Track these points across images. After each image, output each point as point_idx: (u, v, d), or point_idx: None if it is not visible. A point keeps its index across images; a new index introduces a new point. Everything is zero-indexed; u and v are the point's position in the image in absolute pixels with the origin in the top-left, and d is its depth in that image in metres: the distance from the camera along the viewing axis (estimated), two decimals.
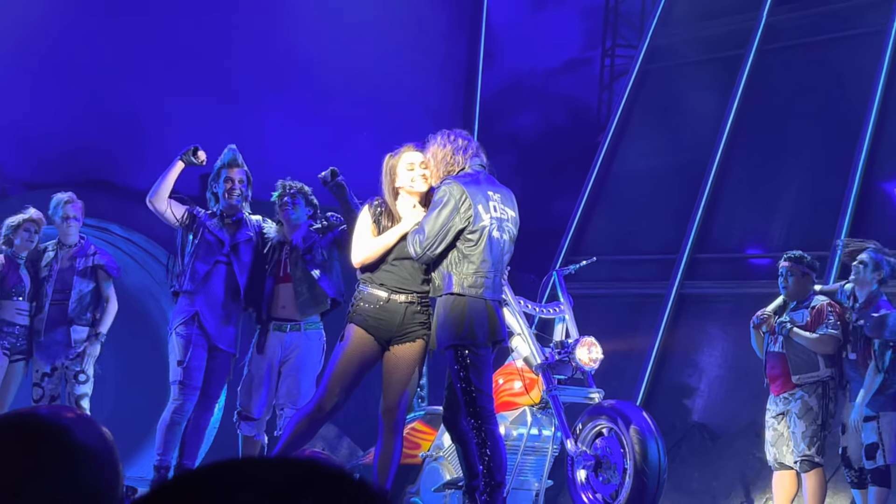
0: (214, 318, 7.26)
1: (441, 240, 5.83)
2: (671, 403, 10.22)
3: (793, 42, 11.37)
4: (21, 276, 7.93)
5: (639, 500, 6.89)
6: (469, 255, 5.88)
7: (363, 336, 5.96)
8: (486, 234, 5.91)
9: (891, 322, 7.62)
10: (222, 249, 7.30)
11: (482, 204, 5.92)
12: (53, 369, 7.88)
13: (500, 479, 5.94)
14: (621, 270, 11.26)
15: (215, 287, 7.28)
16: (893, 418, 7.67)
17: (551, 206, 12.49)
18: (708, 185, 11.06)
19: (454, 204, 5.82)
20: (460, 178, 5.91)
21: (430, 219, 5.81)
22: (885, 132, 10.27)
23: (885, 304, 7.81)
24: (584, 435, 7.26)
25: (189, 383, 7.25)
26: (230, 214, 7.37)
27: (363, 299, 6.00)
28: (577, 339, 7.50)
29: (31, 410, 1.50)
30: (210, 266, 7.25)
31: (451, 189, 5.85)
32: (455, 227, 5.84)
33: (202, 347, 7.25)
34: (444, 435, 8.00)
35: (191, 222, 7.33)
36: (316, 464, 0.92)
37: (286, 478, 0.88)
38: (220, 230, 7.32)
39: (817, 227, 10.14)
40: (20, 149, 11.11)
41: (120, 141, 11.74)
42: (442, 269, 5.91)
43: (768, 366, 8.21)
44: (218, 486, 0.88)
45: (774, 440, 8.13)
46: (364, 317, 5.96)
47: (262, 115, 12.42)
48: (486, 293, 5.92)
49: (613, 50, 14.76)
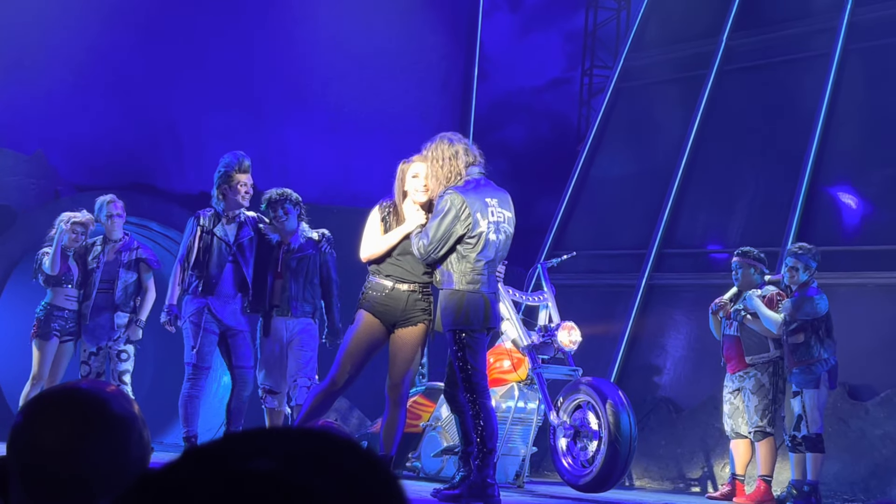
0: (223, 307, 7.25)
1: (443, 245, 5.82)
2: (641, 380, 10.21)
3: (749, 63, 11.35)
4: (70, 266, 7.93)
5: (612, 465, 6.89)
6: (467, 255, 5.87)
7: (371, 320, 5.97)
8: (484, 238, 5.90)
9: (807, 306, 7.71)
10: (230, 251, 7.28)
11: (481, 211, 5.88)
12: (99, 349, 7.88)
13: (492, 446, 5.95)
14: (598, 263, 11.25)
15: (224, 283, 7.27)
16: (814, 394, 7.71)
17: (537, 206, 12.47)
18: (674, 189, 11.05)
19: (455, 213, 5.79)
20: (461, 189, 5.87)
21: (434, 226, 5.79)
22: (828, 143, 10.26)
23: (814, 290, 7.85)
24: (564, 407, 7.26)
25: (201, 365, 7.25)
26: (232, 214, 7.32)
27: (371, 288, 6.01)
28: (559, 324, 7.50)
29: (74, 385, 1.50)
30: (221, 270, 7.24)
31: (452, 199, 5.81)
32: (456, 233, 5.82)
33: (213, 333, 7.23)
34: (442, 407, 8.00)
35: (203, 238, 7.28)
36: (326, 433, 0.92)
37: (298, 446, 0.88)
38: (226, 234, 7.28)
39: (770, 225, 10.13)
40: (72, 156, 11.09)
41: (160, 149, 11.73)
42: (443, 267, 5.91)
43: (725, 347, 8.22)
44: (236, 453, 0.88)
45: (731, 413, 8.13)
46: (372, 303, 5.97)
47: (285, 127, 12.41)
48: (482, 288, 5.93)
49: (591, 70, 14.74)
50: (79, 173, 11.04)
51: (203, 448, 0.89)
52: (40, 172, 10.82)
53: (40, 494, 1.41)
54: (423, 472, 8.02)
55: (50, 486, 1.40)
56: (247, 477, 0.83)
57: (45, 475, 1.40)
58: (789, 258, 7.97)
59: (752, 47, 11.36)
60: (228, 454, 0.87)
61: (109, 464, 1.42)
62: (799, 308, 7.73)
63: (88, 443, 1.41)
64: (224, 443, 0.89)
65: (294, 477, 0.83)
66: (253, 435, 0.90)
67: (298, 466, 0.84)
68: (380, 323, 5.97)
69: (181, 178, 11.70)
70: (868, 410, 8.78)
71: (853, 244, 9.68)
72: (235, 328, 7.27)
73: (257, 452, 0.87)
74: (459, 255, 5.87)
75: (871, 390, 8.91)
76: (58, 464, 1.41)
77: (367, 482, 0.86)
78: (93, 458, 1.41)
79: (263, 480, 0.82)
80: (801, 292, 7.83)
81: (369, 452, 0.88)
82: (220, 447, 0.89)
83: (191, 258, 7.21)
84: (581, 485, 7.07)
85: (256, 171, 7.44)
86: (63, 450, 1.41)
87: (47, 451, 1.41)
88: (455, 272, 5.86)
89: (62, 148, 11.02)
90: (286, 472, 0.83)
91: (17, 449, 1.43)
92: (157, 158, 11.65)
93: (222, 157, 7.34)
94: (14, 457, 1.43)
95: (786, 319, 7.80)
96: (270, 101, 12.38)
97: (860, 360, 8.78)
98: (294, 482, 0.82)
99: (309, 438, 0.89)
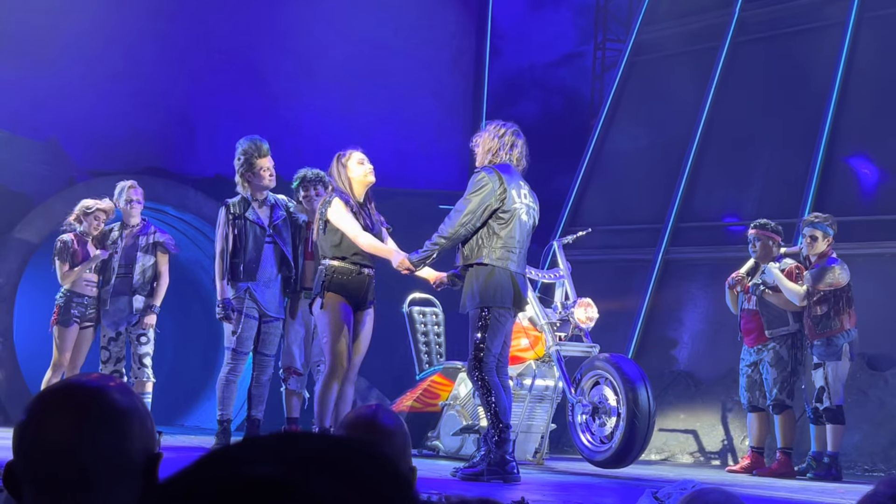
0: (264, 291, 7.26)
1: (479, 217, 5.95)
2: (659, 355, 10.20)
3: (762, 35, 11.26)
4: (89, 251, 7.95)
5: (631, 441, 6.89)
6: (499, 231, 5.98)
7: (342, 302, 6.20)
8: (516, 216, 6.02)
9: (828, 276, 7.70)
10: (266, 234, 7.28)
11: (515, 190, 6.06)
12: (118, 334, 7.90)
13: (507, 421, 6.00)
14: (613, 238, 11.21)
15: (266, 264, 7.27)
16: (836, 366, 7.70)
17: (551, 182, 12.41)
18: (689, 162, 10.99)
19: (492, 186, 5.97)
20: (497, 166, 6.07)
21: (469, 198, 5.96)
22: (844, 113, 10.18)
23: (834, 259, 7.82)
24: (582, 384, 7.26)
25: (241, 350, 7.27)
26: (261, 198, 7.31)
27: (337, 272, 6.21)
28: (575, 301, 7.49)
29: (74, 380, 1.51)
30: (260, 253, 7.25)
31: (488, 174, 6.01)
32: (490, 206, 5.96)
33: (253, 318, 7.25)
34: (460, 386, 8.01)
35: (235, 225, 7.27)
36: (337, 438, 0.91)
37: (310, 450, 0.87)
38: (259, 218, 7.28)
39: (785, 197, 10.07)
40: (86, 142, 11.10)
41: (174, 134, 11.72)
42: (472, 243, 6.01)
43: (743, 321, 8.19)
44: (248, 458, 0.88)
45: (749, 386, 8.11)
46: (339, 286, 6.20)
47: (298, 108, 12.38)
48: (510, 265, 5.99)
49: (604, 44, 14.64)
50: (93, 159, 11.06)
51: (215, 453, 0.89)
52: (55, 159, 10.84)
53: (48, 491, 1.41)
54: (442, 451, 8.04)
55: (57, 483, 1.41)
56: (256, 482, 0.83)
57: (51, 472, 1.41)
58: (806, 227, 7.94)
59: (765, 18, 11.27)
60: (239, 459, 0.87)
61: (113, 456, 1.43)
62: (821, 278, 7.69)
63: (90, 436, 1.42)
64: (237, 448, 0.89)
65: (304, 482, 0.83)
66: (266, 440, 0.90)
67: (309, 471, 0.84)
68: (347, 304, 6.19)
69: (195, 161, 11.70)
70: (887, 380, 8.75)
71: (870, 214, 9.62)
72: (272, 315, 7.28)
73: (268, 457, 0.87)
74: (490, 231, 5.99)
75: (889, 360, 8.88)
76: (62, 459, 1.42)
77: (378, 487, 0.85)
78: (96, 451, 1.42)
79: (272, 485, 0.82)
80: (821, 263, 7.79)
81: (381, 457, 0.87)
82: (232, 452, 0.89)
83: (227, 246, 7.21)
84: (600, 461, 7.08)
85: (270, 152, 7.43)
86: (66, 445, 1.42)
87: (50, 448, 1.42)
88: (486, 247, 5.97)
89: (76, 134, 11.03)
90: (296, 476, 0.83)
91: (22, 450, 1.44)
92: (171, 142, 11.66)
93: (238, 144, 7.30)
94: (21, 458, 1.44)
95: (808, 291, 7.76)
96: (282, 81, 12.36)
97: (879, 330, 8.74)
98: (304, 487, 0.82)
99: (321, 443, 0.89)
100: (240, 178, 7.27)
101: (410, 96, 12.97)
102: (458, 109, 13.44)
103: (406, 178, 12.37)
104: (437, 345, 8.71)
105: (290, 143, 11.57)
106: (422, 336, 8.66)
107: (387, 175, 6.52)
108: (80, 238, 7.93)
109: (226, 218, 7.25)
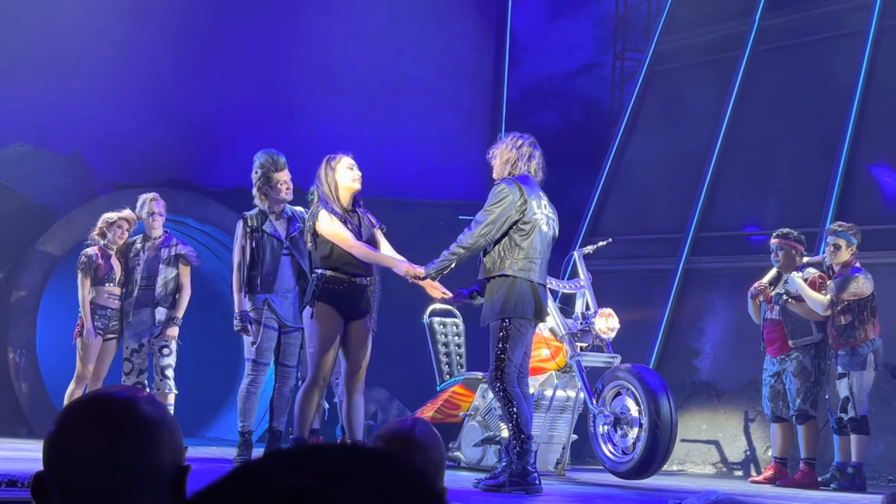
0: (283, 302, 7.28)
1: (500, 228, 5.98)
2: (680, 365, 10.16)
3: (782, 43, 11.22)
4: (112, 265, 7.99)
5: (653, 451, 6.86)
6: (520, 243, 6.00)
7: (332, 312, 6.13)
8: (537, 227, 6.04)
9: (853, 285, 7.66)
10: (283, 246, 7.31)
11: (535, 201, 6.08)
12: (140, 346, 7.94)
13: (528, 432, 6.00)
14: (634, 249, 11.19)
15: (283, 276, 7.29)
16: (861, 376, 7.65)
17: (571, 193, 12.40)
18: (709, 172, 10.96)
19: (512, 198, 5.99)
20: (517, 178, 6.10)
21: (490, 210, 5.98)
22: (865, 122, 10.13)
23: (858, 269, 7.78)
24: (604, 395, 7.24)
25: (261, 361, 7.28)
26: (278, 210, 7.33)
27: (328, 281, 6.13)
28: (596, 311, 7.47)
29: (103, 391, 1.52)
30: (277, 265, 7.26)
31: (509, 186, 6.04)
32: (511, 218, 5.98)
33: (273, 329, 7.26)
34: (481, 396, 8.00)
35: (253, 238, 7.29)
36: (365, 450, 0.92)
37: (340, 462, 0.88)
38: (276, 230, 7.31)
39: (807, 206, 10.03)
40: (109, 154, 11.17)
41: (195, 147, 11.78)
42: (493, 255, 6.01)
43: (765, 331, 8.15)
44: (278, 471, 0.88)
45: (772, 396, 8.07)
46: (330, 296, 6.12)
47: (318, 119, 12.42)
48: (532, 276, 6.00)
49: (623, 54, 14.63)
50: (115, 172, 11.12)
51: (246, 466, 0.90)
52: (77, 172, 10.91)
53: (77, 502, 1.42)
54: (463, 462, 8.03)
55: (85, 494, 1.42)
56: (289, 494, 0.83)
57: (81, 483, 1.42)
58: (830, 236, 7.90)
59: (785, 27, 11.24)
60: (271, 472, 0.87)
61: (142, 467, 1.44)
62: (844, 288, 7.64)
63: (119, 447, 1.43)
64: (266, 460, 0.90)
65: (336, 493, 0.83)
66: (296, 452, 0.90)
67: (340, 483, 0.84)
68: (338, 315, 6.12)
69: (217, 173, 11.75)
70: None
71: (892, 223, 9.56)
72: (291, 326, 7.30)
73: (299, 469, 0.87)
74: (512, 243, 6.01)
75: None
76: (91, 471, 1.43)
77: (408, 500, 0.85)
78: (125, 463, 1.43)
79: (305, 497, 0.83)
80: (844, 272, 7.75)
81: (413, 470, 0.87)
82: (262, 465, 0.89)
83: (245, 258, 7.23)
84: (622, 472, 7.05)
85: (289, 164, 7.46)
86: (95, 456, 1.43)
87: (80, 459, 1.43)
88: (508, 258, 5.98)
89: (98, 147, 11.10)
90: (327, 488, 0.84)
91: (52, 461, 1.45)
92: (192, 154, 11.71)
93: (255, 157, 7.33)
94: (50, 468, 1.45)
95: (832, 300, 7.72)
96: (302, 93, 12.41)
97: None
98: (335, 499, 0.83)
99: (352, 455, 0.89)
100: (257, 191, 7.29)
101: (430, 108, 13.00)
102: (477, 120, 13.45)
103: (426, 189, 12.38)
104: (457, 355, 8.71)
105: (310, 156, 11.59)
106: (442, 347, 8.66)
107: (407, 186, 6.51)
108: (104, 251, 7.97)
109: (243, 231, 7.28)
